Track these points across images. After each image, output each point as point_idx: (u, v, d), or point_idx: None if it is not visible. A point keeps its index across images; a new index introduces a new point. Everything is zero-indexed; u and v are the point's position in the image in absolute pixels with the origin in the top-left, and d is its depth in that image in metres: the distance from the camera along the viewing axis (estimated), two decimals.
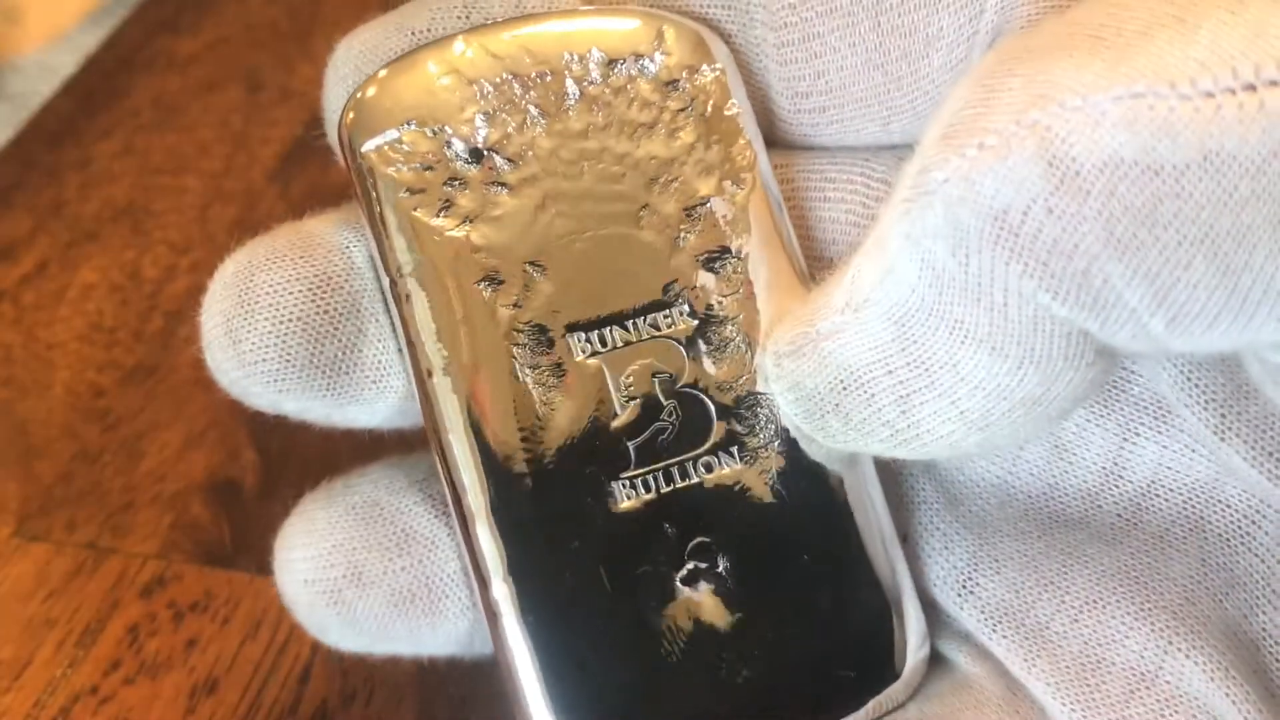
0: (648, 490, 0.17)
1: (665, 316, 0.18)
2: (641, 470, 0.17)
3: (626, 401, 0.18)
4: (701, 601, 0.17)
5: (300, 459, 0.29)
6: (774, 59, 0.19)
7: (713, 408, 0.18)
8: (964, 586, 0.18)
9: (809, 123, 0.19)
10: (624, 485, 0.17)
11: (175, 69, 0.41)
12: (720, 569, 0.17)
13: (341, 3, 0.43)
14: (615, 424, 0.17)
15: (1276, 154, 0.12)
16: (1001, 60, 0.14)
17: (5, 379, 0.31)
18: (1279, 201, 0.12)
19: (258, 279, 0.18)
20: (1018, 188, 0.13)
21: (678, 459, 0.18)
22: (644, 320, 0.18)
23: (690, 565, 0.17)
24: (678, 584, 0.17)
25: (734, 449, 0.18)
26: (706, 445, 0.18)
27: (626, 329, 0.18)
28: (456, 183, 0.18)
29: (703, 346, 0.18)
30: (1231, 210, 0.12)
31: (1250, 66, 0.12)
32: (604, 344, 0.18)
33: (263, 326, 0.17)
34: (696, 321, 0.18)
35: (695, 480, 0.18)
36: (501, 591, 0.17)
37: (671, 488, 0.17)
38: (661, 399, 0.18)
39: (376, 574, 0.18)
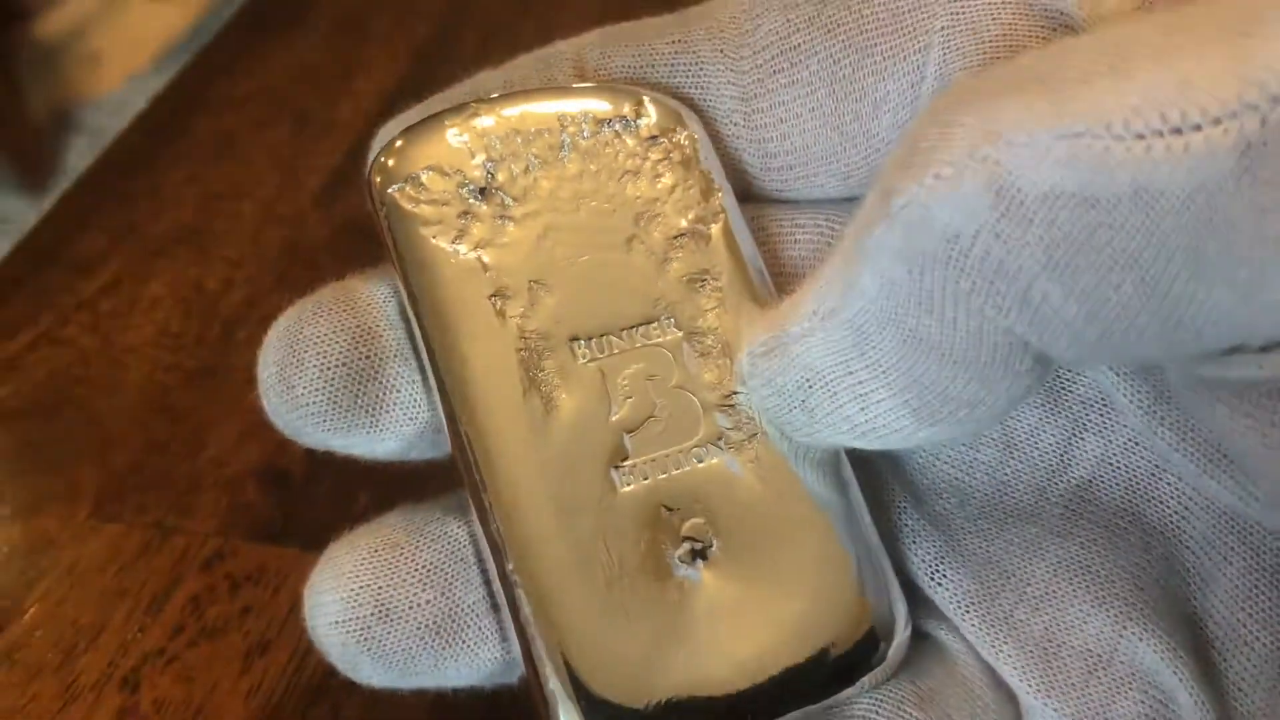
0: (645, 478, 0.17)
1: (655, 328, 0.18)
2: (638, 460, 0.17)
3: (623, 400, 0.18)
4: (699, 579, 0.17)
5: None
6: (744, 125, 0.19)
7: (699, 405, 0.18)
8: (932, 579, 0.18)
9: (779, 179, 0.19)
10: (623, 473, 0.17)
11: (232, 107, 0.41)
12: (714, 548, 0.17)
13: (377, 50, 0.43)
14: (613, 419, 0.17)
15: (1199, 190, 0.12)
16: (956, 99, 0.14)
17: (84, 379, 0.31)
18: (1199, 233, 0.12)
19: (306, 331, 0.18)
20: (969, 214, 0.13)
21: (670, 449, 0.17)
22: (636, 331, 0.18)
23: (686, 545, 0.17)
24: (676, 561, 0.17)
25: (720, 441, 0.18)
26: (696, 438, 0.18)
27: (621, 339, 0.18)
28: (469, 216, 0.18)
29: (688, 354, 0.18)
30: (1158, 239, 0.12)
31: (1177, 113, 0.12)
32: (602, 351, 0.18)
33: (312, 373, 0.17)
34: (681, 333, 0.18)
35: (687, 469, 0.17)
36: (517, 565, 0.16)
37: (666, 475, 0.17)
38: (654, 398, 0.18)
39: (403, 609, 0.17)
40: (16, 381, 0.31)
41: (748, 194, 0.20)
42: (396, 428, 0.18)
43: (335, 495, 0.28)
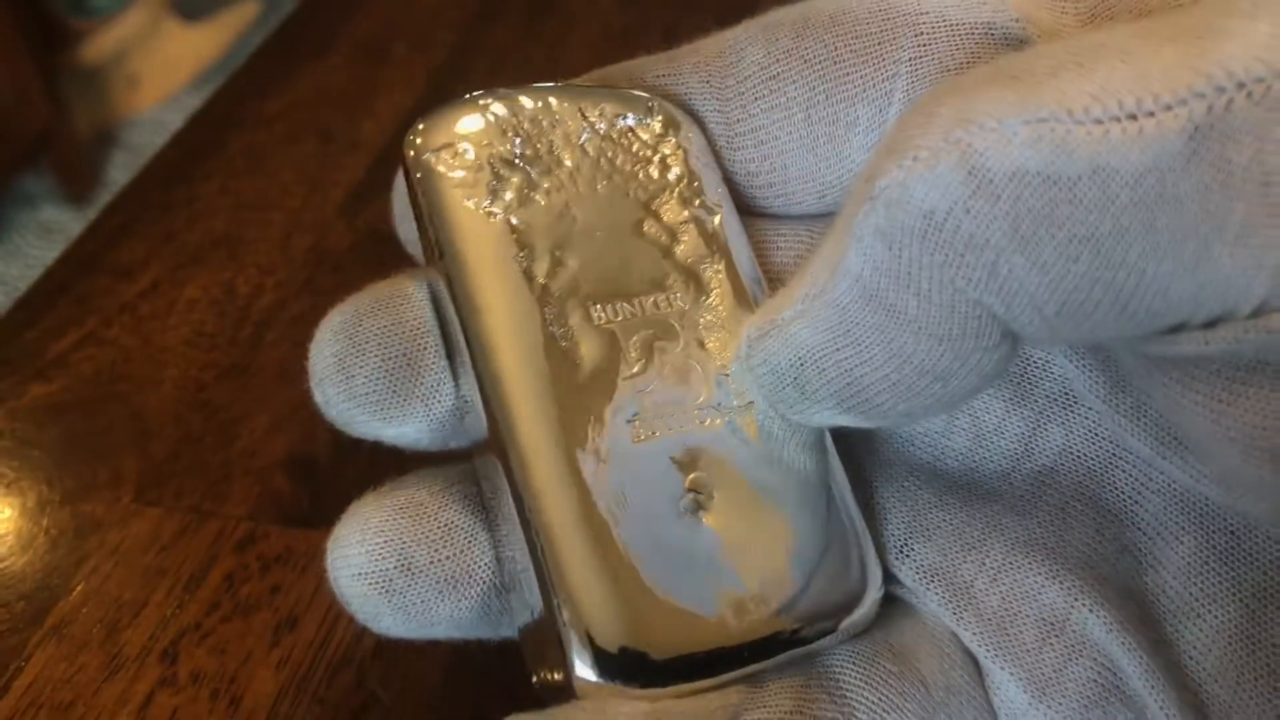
0: (654, 432, 0.17)
1: (663, 299, 0.18)
2: (648, 415, 0.17)
3: (635, 360, 0.18)
4: (700, 527, 0.17)
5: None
6: (727, 148, 0.19)
7: (702, 373, 0.18)
8: (900, 551, 0.18)
9: (760, 196, 0.20)
10: (634, 426, 0.17)
11: (262, 125, 0.41)
12: (715, 499, 0.17)
13: (395, 74, 0.43)
14: (626, 376, 0.18)
15: (1151, 170, 0.12)
16: (936, 95, 0.14)
17: (126, 376, 0.32)
18: (1150, 209, 0.12)
19: (366, 324, 0.17)
20: (943, 192, 0.13)
21: (675, 410, 0.18)
22: (647, 300, 0.18)
23: (690, 496, 0.17)
24: (680, 509, 0.17)
25: (720, 406, 0.18)
26: (699, 402, 0.18)
27: (633, 306, 0.18)
28: (499, 181, 0.18)
29: (692, 326, 0.18)
30: (1113, 215, 0.12)
31: (1133, 100, 0.12)
32: (616, 315, 0.18)
33: (373, 364, 0.17)
34: (686, 307, 0.18)
35: (691, 427, 0.18)
36: (536, 505, 0.16)
37: (672, 431, 0.17)
38: (661, 363, 0.18)
39: (424, 564, 0.17)
40: (64, 378, 0.31)
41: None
42: (445, 416, 0.18)
43: (358, 482, 0.28)
